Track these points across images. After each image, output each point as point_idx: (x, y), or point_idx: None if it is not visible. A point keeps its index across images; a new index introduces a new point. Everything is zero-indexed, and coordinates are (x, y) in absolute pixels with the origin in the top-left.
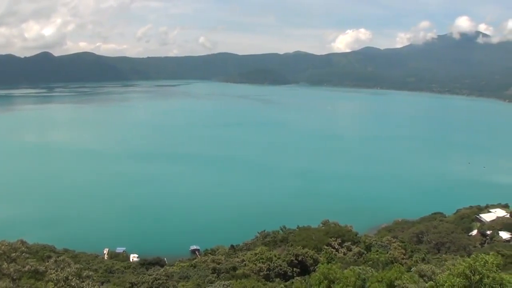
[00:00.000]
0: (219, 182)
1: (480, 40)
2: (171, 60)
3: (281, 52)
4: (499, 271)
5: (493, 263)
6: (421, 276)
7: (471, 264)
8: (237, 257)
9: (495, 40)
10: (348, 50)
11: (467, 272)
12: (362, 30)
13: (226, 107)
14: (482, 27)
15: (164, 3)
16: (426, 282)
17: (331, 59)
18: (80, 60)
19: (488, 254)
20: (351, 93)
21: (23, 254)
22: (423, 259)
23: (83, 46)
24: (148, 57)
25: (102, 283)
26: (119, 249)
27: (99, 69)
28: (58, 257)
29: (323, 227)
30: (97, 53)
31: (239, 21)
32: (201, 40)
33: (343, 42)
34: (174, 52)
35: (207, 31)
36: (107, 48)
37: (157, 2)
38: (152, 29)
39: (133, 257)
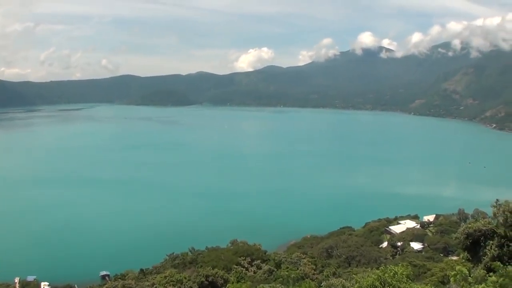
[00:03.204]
0: (125, 205)
1: (383, 55)
2: (74, 84)
3: (184, 73)
4: (410, 281)
5: (403, 274)
6: None
7: (380, 276)
8: (147, 281)
9: (399, 54)
10: (251, 69)
11: (377, 284)
12: (265, 49)
13: (128, 130)
14: (386, 42)
15: (67, 26)
16: None
17: (234, 78)
18: None
19: (397, 265)
20: (253, 112)
21: None
22: (334, 274)
23: None
24: (51, 81)
25: None
26: (30, 278)
27: (3, 95)
28: None
29: (232, 247)
30: (1, 78)
31: (141, 42)
32: (104, 63)
33: (246, 61)
34: (77, 75)
35: (109, 54)
36: (11, 73)
37: (60, 25)
38: (55, 53)
39: (44, 285)
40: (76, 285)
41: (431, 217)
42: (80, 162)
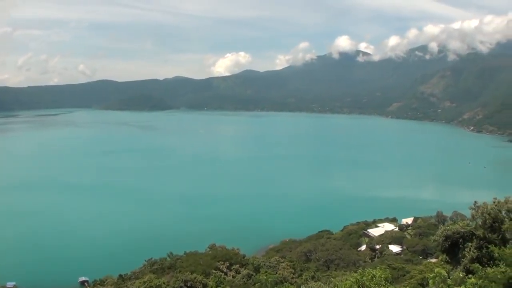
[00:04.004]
0: (103, 210)
1: (360, 58)
2: (51, 89)
3: (161, 78)
4: (388, 284)
5: (381, 277)
6: None
7: (358, 279)
8: (126, 286)
9: (376, 58)
10: (228, 74)
11: (355, 287)
12: (242, 53)
13: (106, 135)
14: (363, 46)
15: (44, 30)
16: None
17: (211, 83)
18: None
19: (376, 268)
20: (231, 116)
21: None
22: (313, 277)
23: None
24: (29, 86)
25: None
26: (9, 284)
27: None
28: None
29: (210, 252)
30: None
31: (118, 47)
32: (81, 68)
33: (223, 66)
34: (54, 80)
35: (87, 59)
36: None
37: (37, 30)
38: (33, 58)
39: None
40: None
41: (409, 220)
42: (58, 167)
